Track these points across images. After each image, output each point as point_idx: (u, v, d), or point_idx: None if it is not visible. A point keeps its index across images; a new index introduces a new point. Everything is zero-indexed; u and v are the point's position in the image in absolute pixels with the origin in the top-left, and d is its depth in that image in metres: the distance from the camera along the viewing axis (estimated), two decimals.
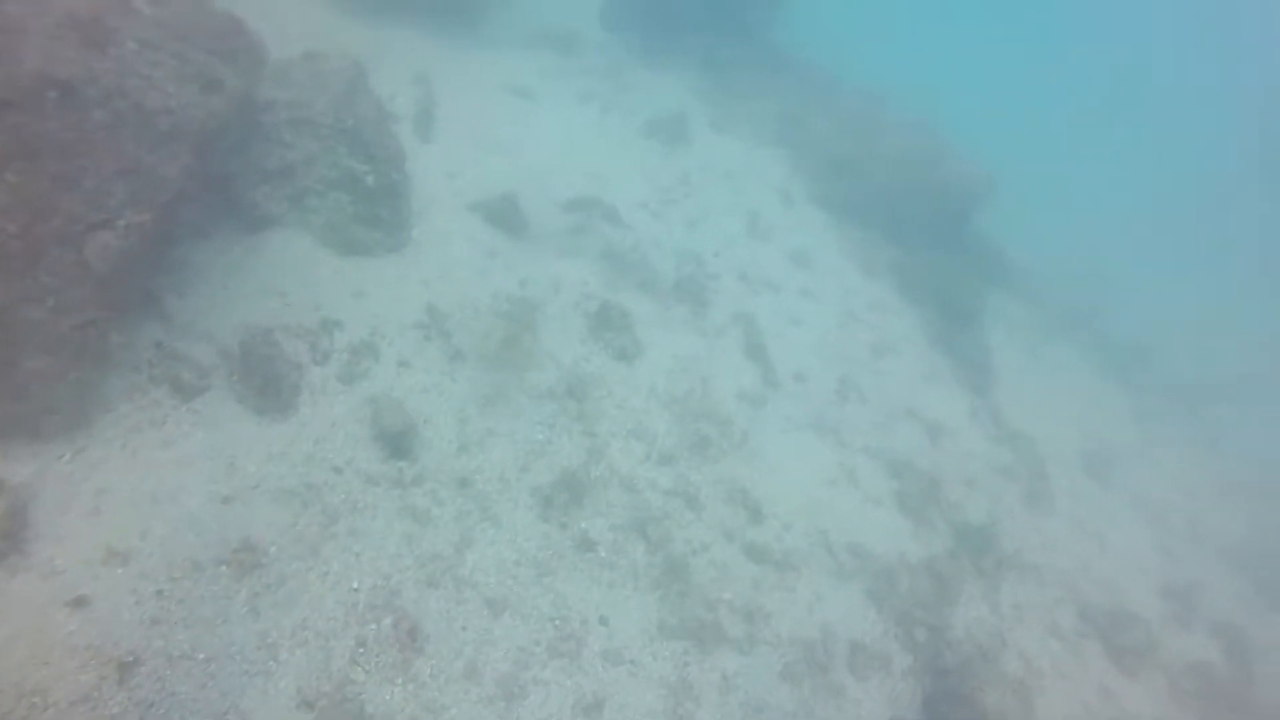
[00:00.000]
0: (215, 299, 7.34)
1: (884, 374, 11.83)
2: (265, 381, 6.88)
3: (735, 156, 14.96)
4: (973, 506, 10.50)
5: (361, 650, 5.88)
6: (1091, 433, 14.54)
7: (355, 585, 6.15)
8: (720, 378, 9.96)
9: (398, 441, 7.22)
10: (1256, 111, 47.34)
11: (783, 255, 13.00)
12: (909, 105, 18.30)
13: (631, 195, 12.46)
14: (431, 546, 6.70)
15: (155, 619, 5.31)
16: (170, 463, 6.19)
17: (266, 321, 7.38)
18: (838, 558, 8.59)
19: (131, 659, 5.05)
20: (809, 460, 9.67)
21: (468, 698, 6.01)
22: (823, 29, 22.22)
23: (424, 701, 5.84)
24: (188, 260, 7.38)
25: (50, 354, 5.64)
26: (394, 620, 6.09)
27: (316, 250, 8.44)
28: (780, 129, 15.98)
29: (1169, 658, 10.54)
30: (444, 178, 10.56)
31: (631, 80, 15.71)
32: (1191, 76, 53.85)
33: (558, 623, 6.71)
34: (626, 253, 10.93)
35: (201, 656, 5.31)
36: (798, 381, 10.74)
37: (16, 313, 5.29)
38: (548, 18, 16.52)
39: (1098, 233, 28.47)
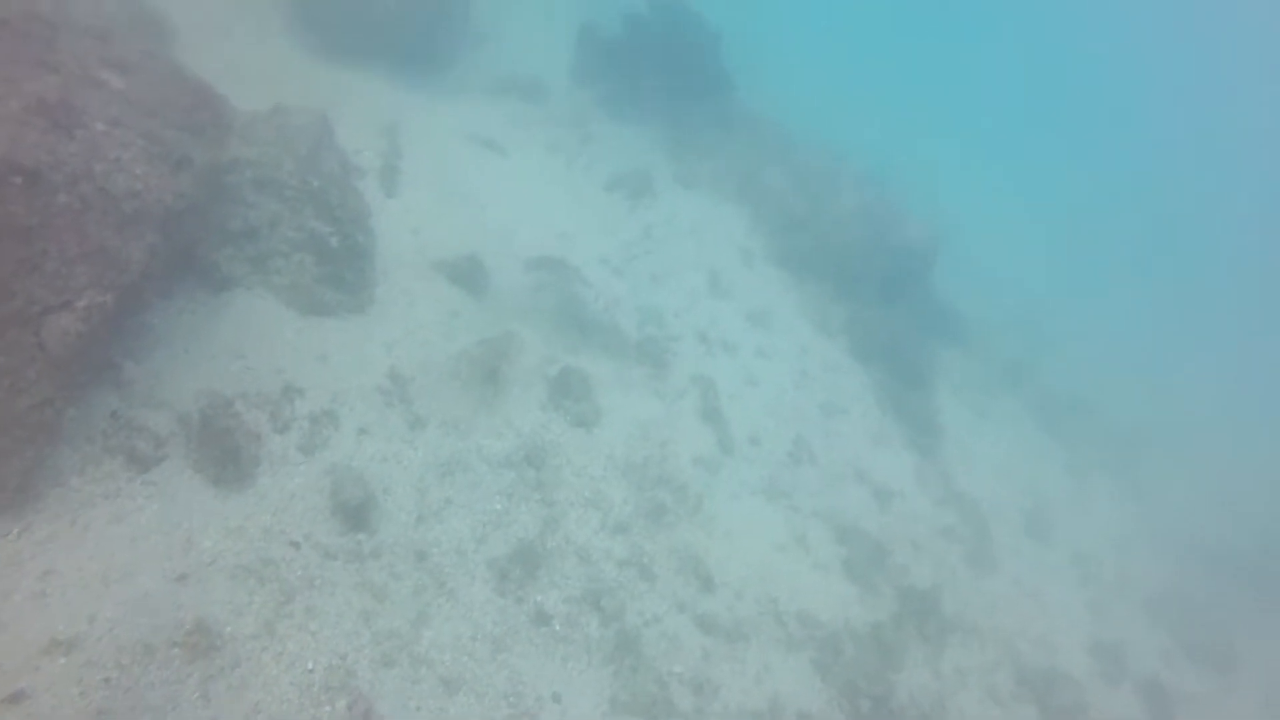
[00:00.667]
0: (175, 364, 7.27)
1: (835, 435, 12.15)
2: (224, 453, 6.83)
3: (698, 212, 15.29)
4: (918, 570, 10.82)
5: None
6: (1031, 489, 15.08)
7: (310, 666, 6.12)
8: (678, 442, 10.14)
9: (357, 513, 7.22)
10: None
11: (741, 314, 13.30)
12: (867, 159, 18.94)
13: (595, 251, 12.65)
14: (388, 623, 6.70)
15: (100, 710, 5.21)
16: (123, 539, 6.10)
17: (227, 388, 7.33)
18: (786, 626, 8.79)
19: None
20: (761, 526, 9.88)
21: None
22: (788, 87, 22.88)
23: None
24: (147, 324, 7.31)
25: (4, 433, 5.55)
26: (349, 702, 6.07)
27: (280, 312, 8.41)
28: (741, 185, 16.39)
29: (1098, 718, 10.95)
30: (408, 234, 10.61)
31: (597, 132, 15.96)
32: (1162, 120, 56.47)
33: (512, 700, 6.75)
34: (589, 313, 11.09)
35: None
36: (752, 444, 10.98)
37: None
38: (515, 65, 16.72)
39: (1052, 280, 29.59)
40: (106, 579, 5.80)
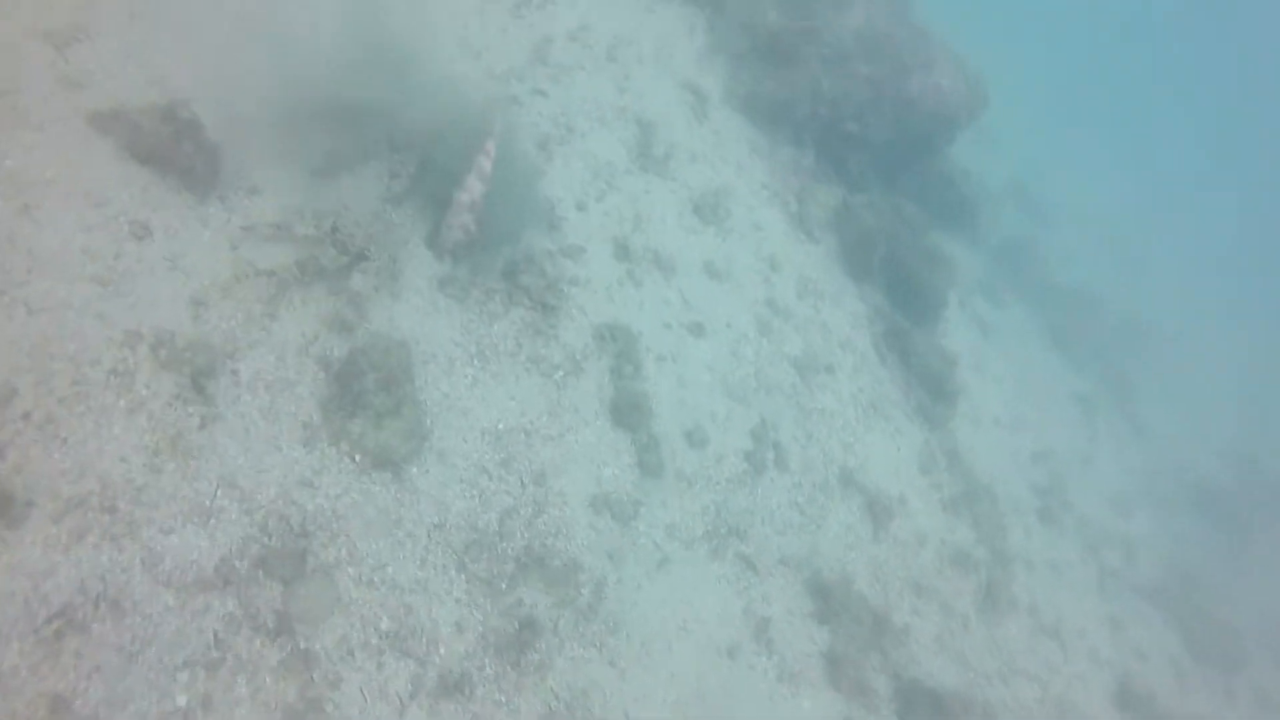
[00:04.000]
0: None
1: (815, 412, 8.37)
2: None
3: (624, 16, 10.17)
4: (920, 634, 7.62)
5: None
6: (1041, 444, 12.08)
7: None
8: (568, 470, 6.14)
9: None
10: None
11: (686, 202, 8.88)
12: None
13: None
14: None
15: None
16: None
17: None
18: None
19: None
20: (699, 614, 6.24)
21: None
22: None
23: None
24: None
25: None
26: None
27: None
28: None
29: None
30: (48, 36, 5.59)
31: None
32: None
33: None
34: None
35: None
36: (692, 446, 7.09)
37: None
38: None
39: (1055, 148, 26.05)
40: None
